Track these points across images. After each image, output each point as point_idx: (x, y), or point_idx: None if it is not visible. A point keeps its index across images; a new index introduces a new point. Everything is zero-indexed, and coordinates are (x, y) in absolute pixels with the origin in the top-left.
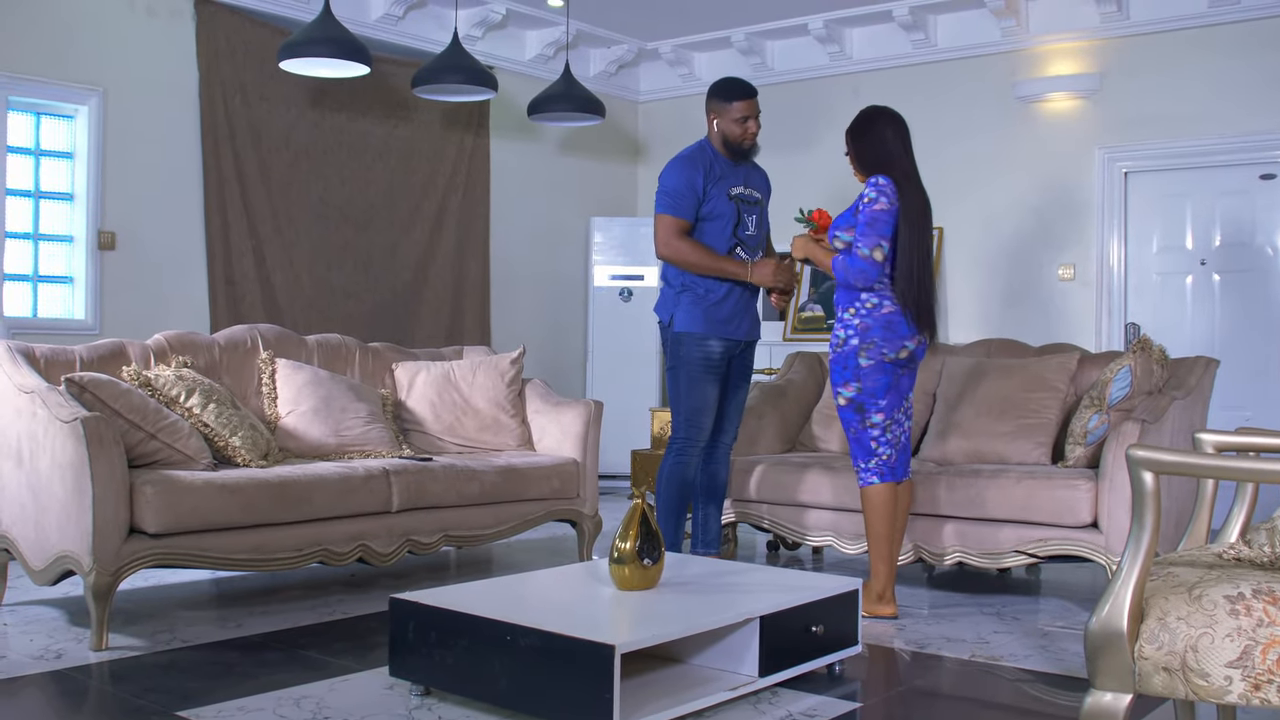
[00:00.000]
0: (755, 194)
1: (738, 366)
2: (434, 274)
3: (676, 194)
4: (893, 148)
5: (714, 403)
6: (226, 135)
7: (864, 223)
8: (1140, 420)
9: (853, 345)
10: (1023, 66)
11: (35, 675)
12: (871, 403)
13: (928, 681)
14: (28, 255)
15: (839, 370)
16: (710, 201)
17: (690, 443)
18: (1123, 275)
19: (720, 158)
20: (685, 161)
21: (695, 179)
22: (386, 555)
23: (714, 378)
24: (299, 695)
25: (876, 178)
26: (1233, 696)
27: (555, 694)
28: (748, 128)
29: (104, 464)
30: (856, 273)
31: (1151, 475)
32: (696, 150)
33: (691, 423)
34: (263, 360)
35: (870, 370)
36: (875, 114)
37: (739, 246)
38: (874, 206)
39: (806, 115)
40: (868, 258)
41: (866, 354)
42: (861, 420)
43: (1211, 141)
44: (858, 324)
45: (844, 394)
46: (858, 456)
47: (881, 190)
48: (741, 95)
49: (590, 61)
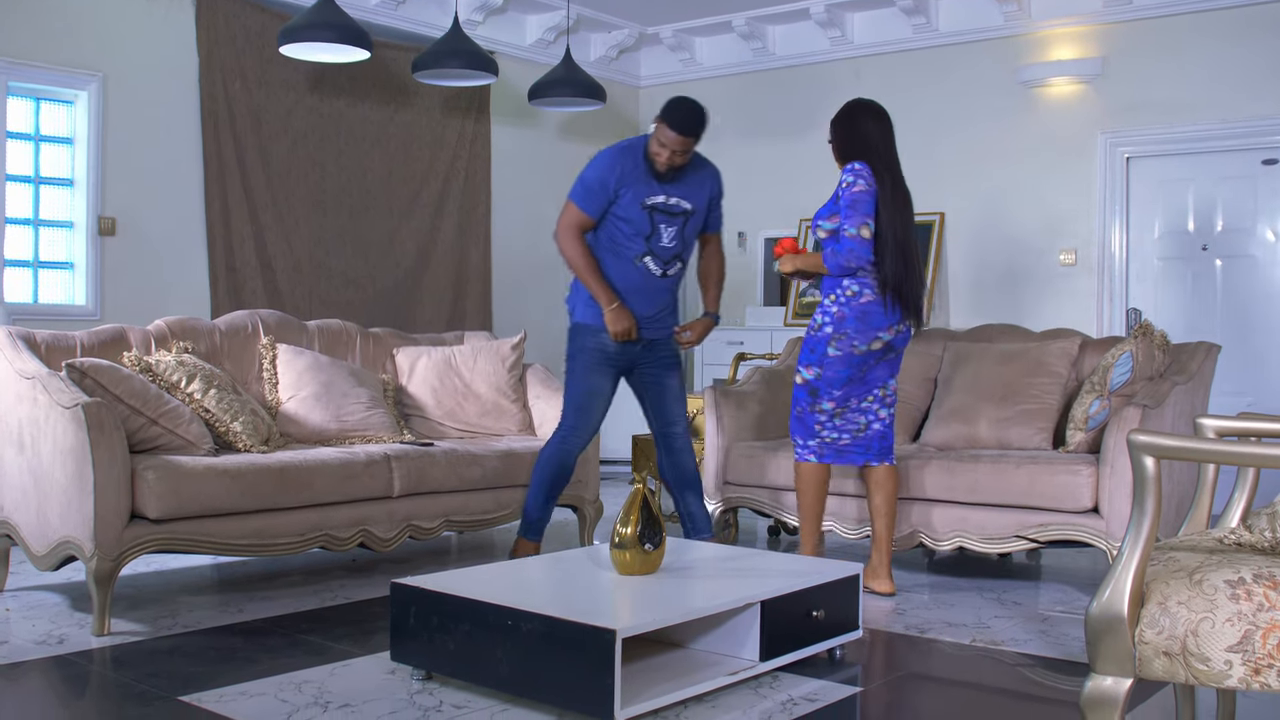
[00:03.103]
0: (682, 205)
1: (652, 359)
2: (435, 259)
3: (588, 188)
4: (874, 140)
5: (606, 394)
6: (227, 120)
7: (846, 205)
8: (1141, 405)
9: (826, 333)
10: (1025, 51)
11: (38, 660)
12: (826, 391)
13: (928, 666)
14: (28, 241)
15: (805, 352)
16: (620, 204)
17: (576, 431)
18: (1124, 260)
19: (645, 164)
20: (610, 157)
21: (610, 178)
22: (388, 540)
23: (608, 370)
24: (300, 680)
25: (852, 163)
26: (1233, 681)
27: (556, 679)
28: (669, 158)
29: (105, 449)
30: (846, 254)
31: (1153, 460)
32: (627, 147)
33: (580, 411)
34: (263, 346)
35: (835, 361)
36: (859, 106)
37: (649, 256)
38: (853, 189)
39: (807, 100)
40: (855, 237)
41: (837, 344)
42: (812, 403)
43: (1213, 126)
44: (835, 312)
45: (804, 374)
46: (796, 432)
47: (858, 174)
48: (680, 129)
49: (591, 46)
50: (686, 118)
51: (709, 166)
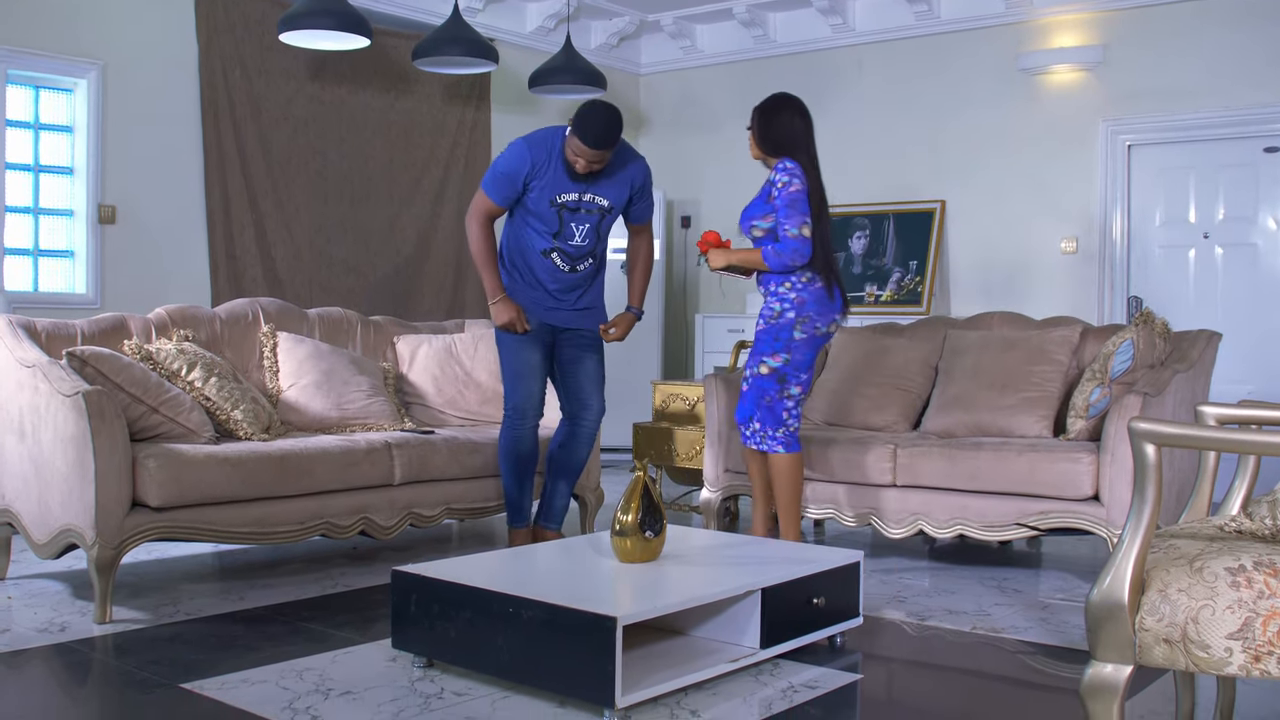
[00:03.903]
0: (598, 201)
1: (572, 338)
2: (435, 247)
3: (497, 178)
4: (799, 135)
5: (537, 364)
6: (227, 108)
7: (785, 204)
8: (1142, 393)
9: (789, 318)
10: (1026, 38)
11: (40, 648)
12: (794, 375)
13: (928, 653)
14: (28, 230)
15: (769, 341)
16: (529, 198)
17: (519, 412)
18: (1125, 248)
19: (561, 160)
20: (520, 149)
21: (521, 171)
22: (388, 528)
23: (533, 344)
24: (302, 667)
25: (784, 161)
26: (1233, 668)
27: (557, 666)
28: (586, 165)
29: (106, 438)
30: (791, 253)
31: (1153, 448)
32: (540, 140)
33: (518, 382)
34: (264, 334)
35: (802, 344)
36: (786, 99)
37: (555, 253)
38: (790, 189)
39: (808, 88)
40: (798, 236)
41: (801, 327)
42: (780, 390)
43: (1215, 114)
44: (794, 298)
45: (769, 363)
46: (766, 423)
47: (793, 173)
48: (593, 144)
49: (591, 33)
50: (599, 134)
51: (635, 160)
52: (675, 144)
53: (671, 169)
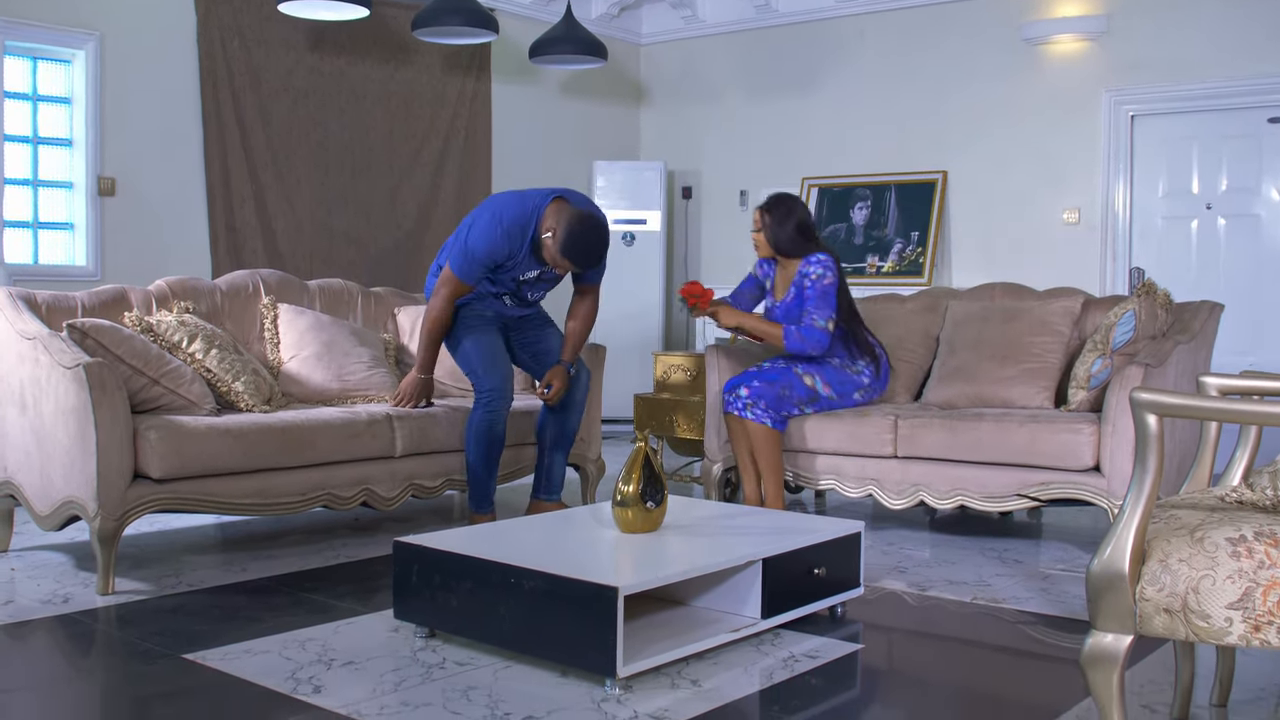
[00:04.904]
0: (555, 273)
1: (524, 325)
2: (436, 218)
3: (471, 262)
4: (813, 228)
5: (504, 350)
6: (226, 79)
7: (816, 295)
8: (1144, 364)
9: (863, 381)
10: (1029, 8)
11: (43, 619)
12: (817, 405)
13: (929, 623)
14: (27, 201)
15: (835, 380)
16: (496, 272)
17: (498, 393)
18: (1128, 219)
19: (531, 247)
20: (501, 238)
21: (495, 260)
22: (390, 499)
23: (490, 326)
24: (304, 638)
25: (819, 255)
26: (1233, 638)
27: (559, 636)
28: (561, 271)
29: (107, 410)
30: (814, 343)
31: (1155, 418)
32: (519, 230)
33: (490, 370)
34: (264, 305)
35: (847, 405)
36: (791, 199)
37: (509, 296)
38: (823, 282)
39: (812, 58)
40: (823, 329)
41: (862, 394)
42: (802, 402)
43: (1219, 84)
44: (867, 381)
45: (820, 389)
46: (764, 399)
47: (828, 267)
48: (582, 265)
49: (592, 3)
50: (586, 258)
51: None
52: (676, 114)
53: (672, 139)
